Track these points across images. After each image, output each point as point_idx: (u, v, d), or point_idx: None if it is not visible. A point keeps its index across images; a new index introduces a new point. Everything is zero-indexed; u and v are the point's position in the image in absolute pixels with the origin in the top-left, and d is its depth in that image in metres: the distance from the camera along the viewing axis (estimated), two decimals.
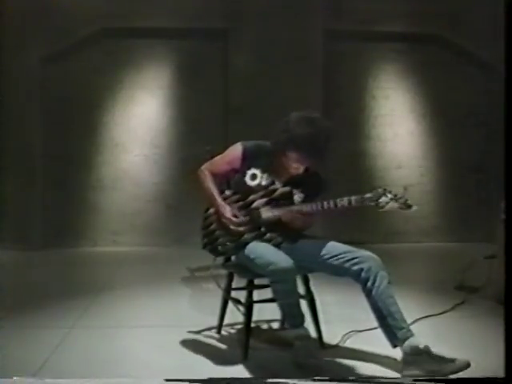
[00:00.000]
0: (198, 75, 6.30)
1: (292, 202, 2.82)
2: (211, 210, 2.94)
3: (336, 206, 2.62)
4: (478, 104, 6.58)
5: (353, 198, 2.57)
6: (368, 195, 2.54)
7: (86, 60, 6.16)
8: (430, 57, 6.50)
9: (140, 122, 6.34)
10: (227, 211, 2.83)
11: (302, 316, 2.80)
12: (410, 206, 2.51)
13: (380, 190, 2.53)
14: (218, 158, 2.95)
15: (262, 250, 2.71)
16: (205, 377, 2.49)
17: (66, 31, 5.99)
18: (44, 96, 6.12)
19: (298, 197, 2.85)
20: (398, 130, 6.62)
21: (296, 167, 2.80)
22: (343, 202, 2.60)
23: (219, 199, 2.87)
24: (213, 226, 2.91)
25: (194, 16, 6.10)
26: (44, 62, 6.08)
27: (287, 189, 2.85)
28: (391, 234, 6.47)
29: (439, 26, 6.34)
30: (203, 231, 2.96)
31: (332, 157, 2.80)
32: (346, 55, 6.42)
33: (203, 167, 2.95)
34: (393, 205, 2.51)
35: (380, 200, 2.51)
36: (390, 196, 2.51)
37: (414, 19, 6.23)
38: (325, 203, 2.66)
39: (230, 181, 2.95)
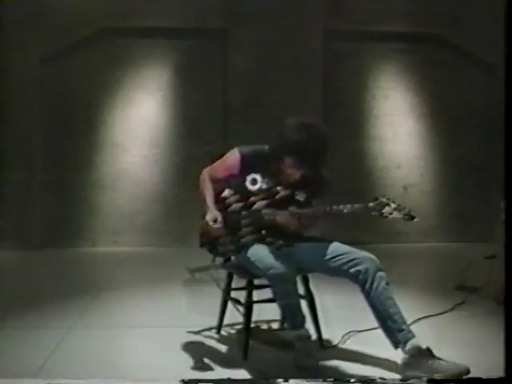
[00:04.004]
0: (198, 75, 6.28)
1: (293, 204, 2.79)
2: None
3: (339, 212, 2.61)
4: (478, 104, 6.57)
5: (356, 205, 2.57)
6: (371, 204, 2.54)
7: (85, 60, 6.15)
8: (430, 57, 6.49)
9: (140, 122, 6.33)
10: (209, 215, 2.76)
11: (302, 317, 2.80)
12: (413, 218, 2.55)
13: (384, 200, 2.54)
14: (218, 162, 2.92)
15: (262, 254, 2.70)
16: (204, 377, 2.49)
17: (66, 31, 5.99)
18: (44, 96, 6.12)
19: (300, 197, 2.83)
20: (398, 129, 6.61)
21: (291, 173, 2.77)
22: (346, 209, 2.59)
23: (210, 204, 2.83)
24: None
25: (193, 16, 6.10)
26: (44, 62, 6.07)
27: (288, 192, 2.82)
28: (391, 234, 6.45)
29: (439, 26, 6.34)
30: (201, 229, 2.93)
31: (332, 157, 2.78)
32: (346, 55, 6.42)
33: (205, 171, 2.93)
34: (396, 215, 2.53)
35: (383, 210, 2.53)
36: (393, 206, 2.53)
37: (414, 19, 6.23)
38: (327, 208, 2.64)
39: (231, 183, 2.91)
